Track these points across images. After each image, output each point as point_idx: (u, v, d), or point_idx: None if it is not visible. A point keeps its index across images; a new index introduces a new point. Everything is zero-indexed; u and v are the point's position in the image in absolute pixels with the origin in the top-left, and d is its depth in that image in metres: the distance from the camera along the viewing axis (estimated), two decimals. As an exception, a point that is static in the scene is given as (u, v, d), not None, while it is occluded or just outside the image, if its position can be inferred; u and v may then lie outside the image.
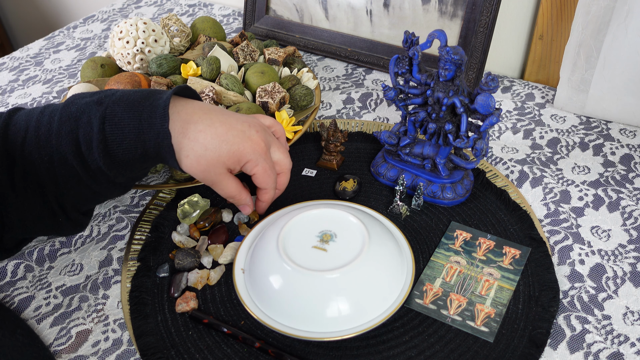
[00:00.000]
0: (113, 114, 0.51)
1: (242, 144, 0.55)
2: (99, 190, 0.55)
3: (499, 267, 0.60)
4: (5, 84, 0.98)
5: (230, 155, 0.55)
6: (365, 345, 0.53)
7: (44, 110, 0.53)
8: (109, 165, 0.51)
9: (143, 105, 0.52)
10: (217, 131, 0.54)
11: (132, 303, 0.58)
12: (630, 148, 0.75)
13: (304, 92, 0.77)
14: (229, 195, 0.58)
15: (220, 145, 0.54)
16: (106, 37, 1.12)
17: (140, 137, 0.51)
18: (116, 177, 0.53)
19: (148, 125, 0.51)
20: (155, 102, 0.52)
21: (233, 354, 0.53)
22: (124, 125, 0.51)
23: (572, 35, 0.77)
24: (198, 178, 0.56)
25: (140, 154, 0.52)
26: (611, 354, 0.52)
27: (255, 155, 0.56)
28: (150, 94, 0.53)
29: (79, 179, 0.52)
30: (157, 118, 0.51)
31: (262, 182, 0.58)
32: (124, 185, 0.57)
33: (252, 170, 0.57)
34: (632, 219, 0.65)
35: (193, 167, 0.54)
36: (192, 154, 0.53)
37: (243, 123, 0.56)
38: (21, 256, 0.64)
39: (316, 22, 0.97)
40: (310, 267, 0.53)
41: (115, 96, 0.53)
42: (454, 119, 0.64)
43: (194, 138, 0.53)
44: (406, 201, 0.68)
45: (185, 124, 0.53)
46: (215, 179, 0.56)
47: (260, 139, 0.57)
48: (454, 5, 0.83)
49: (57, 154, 0.51)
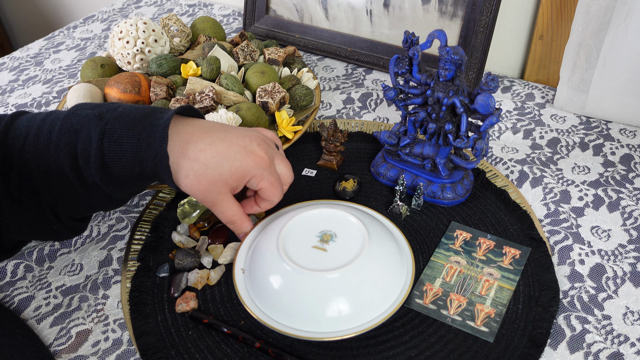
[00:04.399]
0: (113, 130, 0.50)
1: (244, 159, 0.54)
2: (94, 204, 0.54)
3: (499, 267, 0.59)
4: (5, 84, 0.97)
5: (233, 173, 0.53)
6: (365, 345, 0.53)
7: (45, 118, 0.52)
8: (106, 181, 0.51)
9: (143, 124, 0.51)
10: (217, 149, 0.53)
11: (132, 303, 0.58)
12: (630, 148, 0.75)
13: (304, 92, 0.77)
14: (230, 219, 0.57)
15: (222, 163, 0.53)
16: (106, 37, 1.12)
17: (138, 157, 0.51)
18: (112, 192, 0.53)
19: (147, 145, 0.50)
20: (156, 121, 0.51)
21: (233, 354, 0.53)
22: (123, 143, 0.50)
23: (572, 35, 0.77)
24: (198, 199, 0.54)
25: (138, 172, 0.51)
26: (611, 354, 0.52)
27: (259, 170, 0.55)
28: (152, 112, 0.53)
29: (75, 192, 0.52)
30: (157, 139, 0.50)
31: (270, 195, 0.57)
32: (120, 199, 0.57)
33: (258, 185, 0.55)
34: (632, 219, 0.65)
35: (193, 186, 0.53)
36: (191, 173, 0.52)
37: (244, 138, 0.55)
38: (21, 256, 0.64)
39: (316, 22, 0.97)
40: (310, 267, 0.53)
41: (117, 112, 0.52)
42: (454, 119, 0.64)
43: (194, 157, 0.52)
44: (406, 201, 0.68)
45: (185, 144, 0.52)
46: (215, 199, 0.54)
47: (263, 153, 0.55)
48: (454, 5, 0.83)
49: (54, 165, 0.51)
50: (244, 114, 0.70)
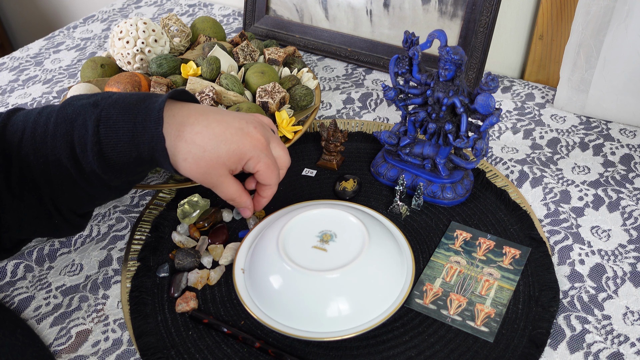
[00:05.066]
0: (108, 116, 0.50)
1: (241, 141, 0.54)
2: (94, 194, 0.54)
3: (499, 267, 0.59)
4: (5, 84, 0.98)
5: (230, 155, 0.54)
6: (365, 345, 0.53)
7: (41, 112, 0.53)
8: (104, 168, 0.51)
9: (138, 108, 0.51)
10: (214, 131, 0.53)
11: (132, 303, 0.58)
12: (630, 148, 0.75)
13: (304, 92, 0.77)
14: (230, 197, 0.57)
15: (219, 145, 0.53)
16: (106, 37, 1.12)
17: (134, 141, 0.51)
18: (111, 180, 0.53)
19: (142, 129, 0.50)
20: (151, 105, 0.52)
21: (233, 354, 0.53)
22: (119, 128, 0.50)
23: (572, 35, 0.77)
24: (198, 181, 0.55)
25: (135, 157, 0.51)
26: (611, 354, 0.52)
27: (256, 152, 0.55)
28: (146, 97, 0.53)
29: (74, 182, 0.52)
30: (152, 121, 0.51)
31: (266, 178, 0.57)
32: (119, 188, 0.57)
33: (255, 167, 0.56)
34: (632, 219, 0.65)
35: (192, 170, 0.53)
36: (189, 156, 0.52)
37: (240, 120, 0.56)
38: (21, 256, 0.64)
39: (316, 22, 0.97)
40: (310, 267, 0.53)
41: (112, 99, 0.52)
42: (454, 119, 0.64)
43: (191, 140, 0.52)
44: (406, 201, 0.68)
45: (181, 126, 0.52)
46: (215, 181, 0.55)
47: (259, 135, 0.56)
48: (454, 5, 0.83)
49: (52, 156, 0.51)
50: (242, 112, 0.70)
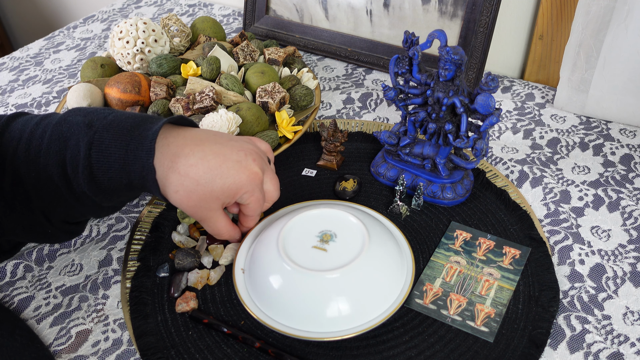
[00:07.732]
0: (101, 140, 0.49)
1: (237, 175, 0.53)
2: (86, 212, 0.54)
3: (499, 267, 0.59)
4: (5, 84, 0.97)
5: (225, 190, 0.52)
6: (365, 345, 0.53)
7: (40, 122, 0.51)
8: (94, 191, 0.50)
9: (132, 135, 0.50)
10: (209, 164, 0.51)
11: (132, 303, 0.57)
12: (630, 148, 0.75)
13: (304, 92, 0.77)
14: (217, 233, 0.56)
15: (214, 179, 0.52)
16: (106, 37, 1.12)
17: (126, 168, 0.49)
18: (102, 202, 0.52)
19: (134, 157, 0.49)
20: (144, 132, 0.50)
21: (233, 354, 0.53)
22: (110, 154, 0.49)
23: (572, 35, 0.77)
24: (188, 213, 0.54)
25: (126, 184, 0.50)
26: (611, 354, 0.52)
27: (252, 186, 0.54)
28: (142, 122, 0.51)
29: (65, 200, 0.51)
30: (144, 151, 0.49)
31: (252, 211, 0.57)
32: (112, 207, 0.56)
33: (247, 200, 0.55)
34: (632, 219, 0.65)
35: (183, 202, 0.52)
36: (181, 189, 0.51)
37: (239, 152, 0.54)
38: (20, 256, 0.64)
39: (316, 22, 0.97)
40: (310, 267, 0.52)
41: (107, 120, 0.51)
42: (454, 119, 0.64)
43: (184, 173, 0.51)
44: (406, 201, 0.68)
45: (175, 157, 0.51)
46: (205, 215, 0.54)
47: (257, 168, 0.54)
48: (454, 5, 0.83)
49: (44, 173, 0.50)
50: (244, 114, 0.70)
